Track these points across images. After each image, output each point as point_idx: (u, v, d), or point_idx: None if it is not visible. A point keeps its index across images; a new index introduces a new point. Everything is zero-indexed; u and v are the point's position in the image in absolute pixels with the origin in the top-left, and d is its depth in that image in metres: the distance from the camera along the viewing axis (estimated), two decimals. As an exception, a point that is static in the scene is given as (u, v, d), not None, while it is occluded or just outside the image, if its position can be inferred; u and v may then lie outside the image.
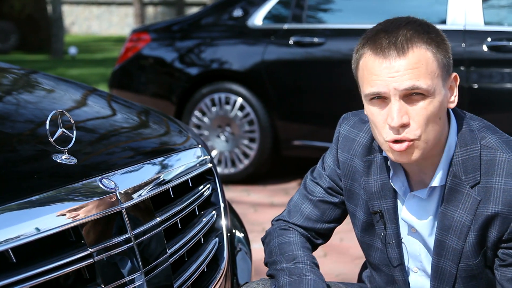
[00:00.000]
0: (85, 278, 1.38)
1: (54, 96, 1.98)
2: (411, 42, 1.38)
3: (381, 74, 1.38)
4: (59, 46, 13.69)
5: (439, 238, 1.49)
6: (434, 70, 1.38)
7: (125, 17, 21.42)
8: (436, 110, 1.39)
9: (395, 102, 1.38)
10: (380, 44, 1.39)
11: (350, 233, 1.76)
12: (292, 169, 5.25)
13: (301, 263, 1.58)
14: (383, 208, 1.55)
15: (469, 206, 1.44)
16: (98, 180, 1.45)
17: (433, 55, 1.39)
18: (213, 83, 4.82)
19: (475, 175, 1.44)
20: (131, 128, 1.90)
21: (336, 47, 4.49)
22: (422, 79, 1.37)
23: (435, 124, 1.40)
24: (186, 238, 1.69)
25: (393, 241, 1.55)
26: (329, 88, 4.49)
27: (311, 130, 4.56)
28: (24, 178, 1.38)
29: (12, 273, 1.23)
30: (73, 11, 21.69)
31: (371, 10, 4.51)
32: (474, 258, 1.47)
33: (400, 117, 1.37)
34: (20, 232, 1.26)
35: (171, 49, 5.02)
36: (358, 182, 1.59)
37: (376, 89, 1.39)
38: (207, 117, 4.83)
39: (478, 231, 1.45)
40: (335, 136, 1.65)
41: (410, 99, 1.38)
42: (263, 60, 4.63)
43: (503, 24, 4.14)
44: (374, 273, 1.67)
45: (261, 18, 4.75)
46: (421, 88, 1.37)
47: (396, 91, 1.37)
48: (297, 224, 1.68)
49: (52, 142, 1.45)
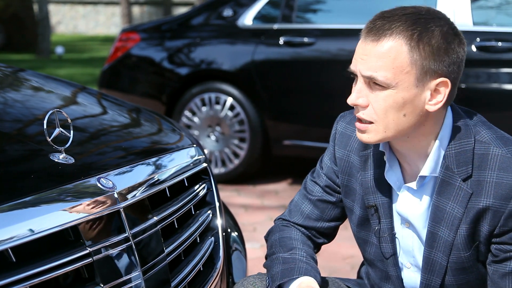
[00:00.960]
0: (84, 278, 1.38)
1: (48, 95, 1.97)
2: (390, 32, 1.39)
3: (357, 53, 1.45)
4: (45, 45, 13.61)
5: (431, 230, 1.51)
6: (403, 66, 1.39)
7: (112, 16, 21.33)
8: (398, 105, 1.41)
9: (359, 83, 1.45)
10: (368, 26, 1.44)
11: (340, 232, 1.77)
12: (283, 169, 5.26)
13: (298, 254, 1.60)
14: (378, 202, 1.57)
15: (460, 198, 1.46)
16: (96, 180, 1.45)
17: (409, 51, 1.39)
18: (203, 83, 4.82)
19: (467, 168, 1.46)
20: (127, 127, 1.90)
21: (326, 47, 4.50)
22: (382, 71, 1.39)
23: (397, 118, 1.42)
24: (183, 237, 1.69)
25: (386, 235, 1.57)
26: (319, 88, 4.51)
27: (301, 129, 4.58)
28: (22, 177, 1.38)
29: (12, 272, 1.23)
30: (59, 10, 21.58)
31: (361, 10, 4.53)
32: (465, 251, 1.49)
33: (356, 97, 1.44)
34: (18, 231, 1.26)
35: (160, 48, 5.01)
36: (355, 177, 1.61)
37: (352, 66, 1.46)
38: (197, 117, 4.83)
39: (469, 224, 1.47)
40: (332, 133, 1.67)
41: (373, 86, 1.43)
42: (253, 60, 4.64)
43: (491, 25, 4.18)
44: (369, 269, 1.69)
45: (251, 18, 4.75)
46: (378, 80, 1.40)
47: (360, 74, 1.43)
48: (298, 224, 1.70)
49: (50, 141, 1.45)
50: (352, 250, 3.58)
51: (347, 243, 3.67)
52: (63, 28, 21.66)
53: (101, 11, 21.49)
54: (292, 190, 4.69)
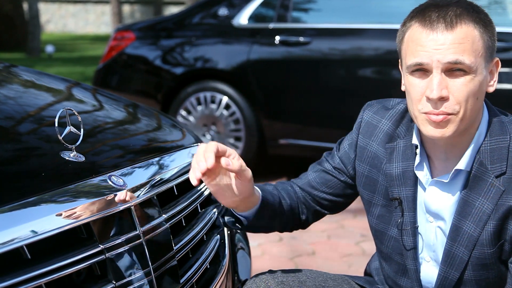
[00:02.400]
0: (96, 275, 1.39)
1: (51, 93, 1.98)
2: (460, 18, 1.40)
3: (427, 45, 1.40)
4: (35, 44, 13.56)
5: (456, 224, 1.51)
6: (479, 49, 1.41)
7: (102, 15, 21.26)
8: (476, 88, 1.41)
9: (436, 75, 1.40)
10: (430, 16, 1.41)
11: (338, 230, 1.80)
12: (278, 167, 5.28)
13: (272, 191, 1.65)
14: (403, 195, 1.57)
15: (492, 195, 1.46)
16: (107, 178, 1.46)
17: (480, 34, 1.41)
18: (198, 82, 4.83)
19: (502, 165, 1.46)
20: (133, 125, 1.91)
21: (322, 46, 4.52)
22: (466, 55, 1.39)
23: (473, 103, 1.42)
24: (191, 235, 1.70)
25: (408, 228, 1.57)
26: (315, 87, 4.53)
27: (297, 128, 4.59)
28: (35, 176, 1.38)
29: (28, 269, 1.23)
30: (49, 9, 21.48)
31: (356, 9, 4.55)
32: (490, 247, 1.49)
33: (439, 90, 1.39)
34: (33, 229, 1.26)
35: (155, 47, 5.01)
36: (377, 168, 1.61)
37: (419, 59, 1.41)
38: (193, 116, 4.84)
39: (497, 221, 1.47)
40: (358, 121, 1.67)
41: (451, 74, 1.40)
42: (249, 59, 4.65)
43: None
44: (384, 263, 1.69)
45: (246, 17, 4.76)
46: (464, 64, 1.39)
47: (439, 64, 1.39)
48: (298, 184, 1.73)
49: (61, 140, 1.46)
50: (349, 249, 3.60)
51: (344, 242, 3.69)
52: (52, 26, 21.56)
53: (90, 10, 21.42)
54: (288, 189, 4.70)
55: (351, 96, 4.40)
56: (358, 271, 3.19)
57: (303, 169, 1.79)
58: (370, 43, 4.39)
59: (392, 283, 1.69)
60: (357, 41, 4.47)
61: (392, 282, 1.69)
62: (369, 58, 4.40)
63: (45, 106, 1.80)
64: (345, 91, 4.42)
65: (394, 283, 1.68)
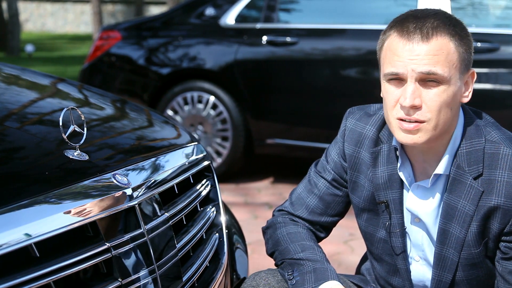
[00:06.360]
0: (102, 273, 1.40)
1: (51, 93, 1.97)
2: (436, 30, 1.43)
3: (402, 56, 1.44)
4: (15, 44, 13.43)
5: (443, 227, 1.55)
6: (453, 60, 1.44)
7: (81, 14, 21.11)
8: (449, 99, 1.45)
9: (410, 84, 1.44)
10: (407, 27, 1.45)
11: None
12: (265, 167, 5.30)
13: (319, 252, 1.63)
14: (389, 198, 1.60)
15: (472, 196, 1.50)
16: (112, 176, 1.47)
17: (455, 46, 1.45)
18: (185, 82, 4.83)
19: (478, 167, 1.50)
20: (133, 124, 1.91)
21: (308, 46, 4.54)
22: (439, 66, 1.43)
23: (445, 113, 1.46)
24: (192, 233, 1.71)
25: (397, 230, 1.60)
26: (301, 87, 4.55)
27: (284, 128, 4.61)
28: (40, 174, 1.38)
29: (36, 267, 1.24)
30: (27, 7, 21.27)
31: (342, 10, 4.58)
32: (476, 247, 1.53)
33: (412, 98, 1.43)
34: (40, 227, 1.26)
35: (142, 47, 5.00)
36: (364, 173, 1.64)
37: (395, 69, 1.45)
38: (180, 116, 4.84)
39: (480, 221, 1.51)
40: (341, 129, 1.69)
41: (425, 84, 1.44)
42: (236, 59, 4.66)
43: (470, 26, 4.27)
44: (375, 263, 1.72)
45: (233, 17, 4.77)
46: (437, 74, 1.43)
47: (413, 73, 1.43)
48: (303, 218, 1.72)
49: (66, 138, 1.46)
50: (337, 248, 3.62)
51: (330, 240, 3.71)
52: (31, 26, 21.36)
53: (69, 9, 21.25)
54: (275, 188, 4.72)
55: (337, 96, 4.44)
56: (348, 270, 3.22)
57: (290, 169, 1.79)
58: (357, 43, 4.42)
59: (384, 283, 1.72)
60: (344, 42, 4.50)
61: (384, 282, 1.72)
62: (355, 58, 4.43)
63: (48, 106, 1.80)
64: (332, 91, 4.45)
65: (386, 282, 1.71)
